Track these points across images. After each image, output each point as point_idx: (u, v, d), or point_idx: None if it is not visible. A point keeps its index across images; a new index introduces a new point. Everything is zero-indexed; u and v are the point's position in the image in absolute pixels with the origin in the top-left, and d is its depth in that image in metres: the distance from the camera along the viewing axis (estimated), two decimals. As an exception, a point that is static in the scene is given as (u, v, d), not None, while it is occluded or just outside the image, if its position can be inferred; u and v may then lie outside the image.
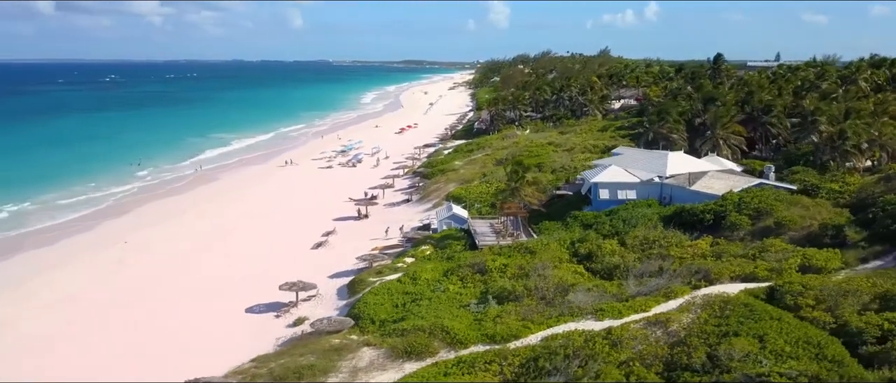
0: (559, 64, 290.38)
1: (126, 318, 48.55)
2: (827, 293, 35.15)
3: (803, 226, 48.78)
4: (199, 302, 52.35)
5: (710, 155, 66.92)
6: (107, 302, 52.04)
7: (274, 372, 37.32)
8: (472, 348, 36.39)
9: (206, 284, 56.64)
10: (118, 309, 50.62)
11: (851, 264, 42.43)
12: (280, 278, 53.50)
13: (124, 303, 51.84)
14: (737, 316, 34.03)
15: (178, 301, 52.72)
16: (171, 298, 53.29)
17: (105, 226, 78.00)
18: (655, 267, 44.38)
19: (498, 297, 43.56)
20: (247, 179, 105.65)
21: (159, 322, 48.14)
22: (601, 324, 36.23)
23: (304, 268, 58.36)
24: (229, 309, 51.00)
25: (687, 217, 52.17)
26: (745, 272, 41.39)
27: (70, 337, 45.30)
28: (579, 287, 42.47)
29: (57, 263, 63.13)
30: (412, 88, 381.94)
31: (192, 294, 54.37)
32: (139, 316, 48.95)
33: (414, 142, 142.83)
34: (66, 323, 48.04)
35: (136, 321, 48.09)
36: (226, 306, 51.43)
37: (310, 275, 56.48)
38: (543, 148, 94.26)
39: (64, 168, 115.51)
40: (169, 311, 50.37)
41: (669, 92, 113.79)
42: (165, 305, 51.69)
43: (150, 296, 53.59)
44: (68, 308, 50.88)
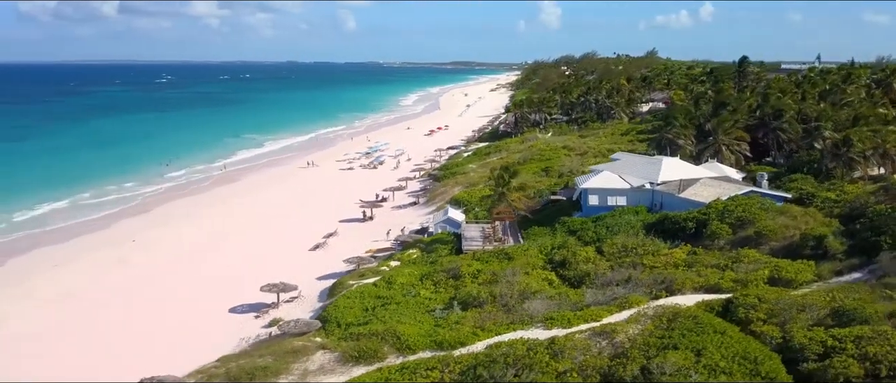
0: (601, 65, 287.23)
1: (109, 317, 50.23)
2: (780, 307, 34.33)
3: (786, 237, 47.63)
4: (187, 301, 53.77)
5: (710, 161, 65.66)
6: (97, 301, 53.90)
7: (230, 372, 38.21)
8: (419, 354, 36.64)
9: (198, 283, 58.08)
10: (105, 307, 52.37)
11: (825, 277, 41.31)
12: (270, 278, 54.62)
13: (113, 302, 53.59)
14: (682, 329, 33.45)
15: (166, 300, 54.25)
16: (161, 297, 54.86)
17: (120, 225, 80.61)
18: (625, 275, 43.90)
19: (463, 303, 43.67)
20: (266, 180, 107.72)
21: (140, 320, 49.66)
22: (548, 333, 36.05)
23: (296, 270, 59.42)
24: (214, 308, 52.24)
25: (669, 225, 51.40)
26: (710, 283, 40.65)
27: (49, 336, 47.04)
28: (542, 294, 42.31)
29: (63, 260, 65.59)
30: (454, 90, 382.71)
31: (182, 292, 55.86)
32: (123, 315, 50.59)
33: (441, 144, 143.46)
34: (54, 321, 49.89)
35: (118, 320, 49.71)
36: (211, 305, 52.69)
37: (300, 276, 57.57)
38: (556, 151, 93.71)
39: (102, 167, 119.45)
40: (154, 310, 51.89)
41: (693, 96, 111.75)
42: (152, 304, 53.25)
43: (140, 295, 55.27)
44: (59, 306, 52.85)
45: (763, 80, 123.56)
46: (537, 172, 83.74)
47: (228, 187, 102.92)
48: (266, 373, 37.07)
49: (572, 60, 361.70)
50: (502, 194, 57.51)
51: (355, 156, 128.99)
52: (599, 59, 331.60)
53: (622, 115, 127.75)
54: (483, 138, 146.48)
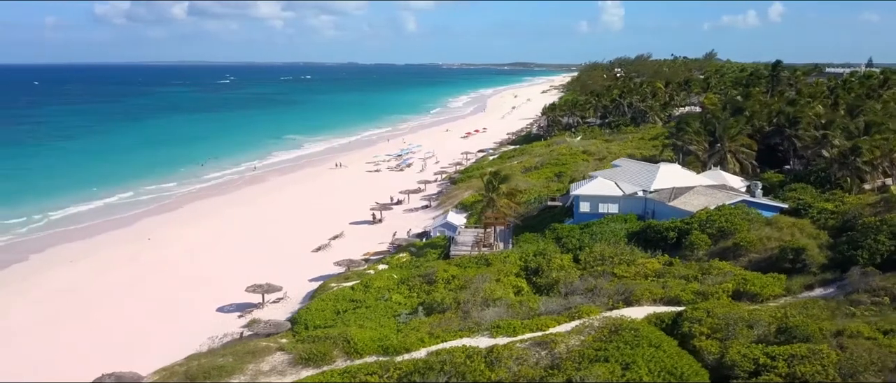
0: (653, 67, 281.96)
1: (97, 313, 52.37)
2: (726, 322, 33.59)
3: (767, 249, 46.35)
4: (179, 299, 55.59)
5: (712, 169, 64.15)
6: (93, 297, 56.22)
7: (190, 370, 39.37)
8: (366, 358, 37.07)
9: (196, 281, 59.86)
10: (98, 303, 54.60)
11: (795, 291, 40.09)
12: (267, 278, 56.04)
13: (108, 298, 55.83)
14: (618, 342, 33.04)
15: (160, 297, 56.19)
16: (155, 294, 56.86)
17: (143, 223, 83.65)
18: (591, 284, 43.45)
19: (429, 309, 43.99)
20: (292, 182, 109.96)
21: (127, 317, 51.65)
22: (492, 341, 36.06)
23: (293, 270, 60.91)
24: (203, 306, 53.86)
25: (652, 234, 50.59)
26: (670, 295, 39.91)
27: (29, 330, 49.26)
28: (502, 301, 42.25)
29: (78, 256, 68.62)
30: (506, 92, 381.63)
31: (178, 290, 57.74)
32: (112, 311, 52.70)
33: (474, 147, 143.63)
34: (43, 315, 52.22)
35: (105, 315, 51.79)
36: (202, 304, 54.33)
37: (295, 277, 59.01)
38: (574, 156, 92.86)
39: (147, 167, 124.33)
40: (144, 307, 53.85)
41: (723, 101, 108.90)
42: (145, 301, 55.27)
43: (137, 292, 57.40)
44: (55, 301, 55.34)
45: (801, 83, 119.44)
46: (549, 177, 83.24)
47: (255, 188, 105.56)
48: (220, 373, 38.09)
49: (626, 62, 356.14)
50: (491, 200, 57.38)
51: (385, 158, 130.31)
52: (653, 61, 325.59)
53: (656, 119, 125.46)
54: (516, 141, 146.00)
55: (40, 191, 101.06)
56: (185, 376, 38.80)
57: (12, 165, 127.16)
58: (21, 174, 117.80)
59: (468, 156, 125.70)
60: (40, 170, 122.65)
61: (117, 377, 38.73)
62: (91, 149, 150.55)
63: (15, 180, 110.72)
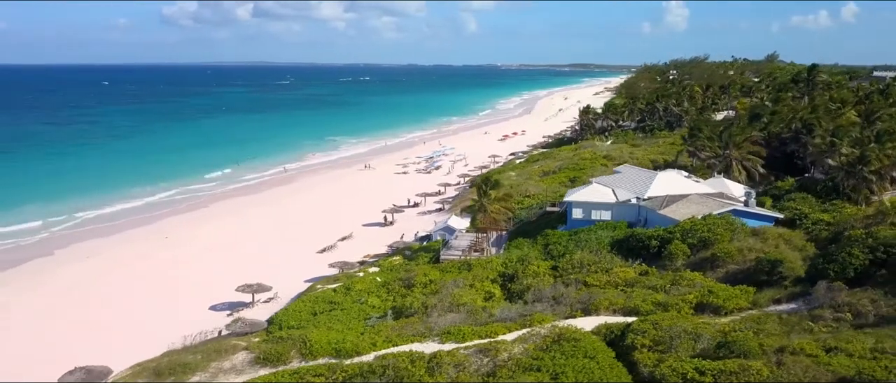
0: (708, 70, 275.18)
1: (93, 309, 54.65)
2: (669, 335, 33.16)
3: (746, 259, 45.29)
4: (177, 296, 57.66)
5: (715, 176, 62.69)
6: (97, 293, 58.70)
7: (159, 366, 40.77)
8: (318, 360, 37.78)
9: (199, 279, 61.84)
10: (98, 299, 56.94)
11: (762, 304, 39.13)
12: (266, 278, 57.60)
13: (109, 294, 58.16)
14: (556, 352, 32.97)
15: (159, 294, 58.29)
16: (156, 291, 58.98)
17: (164, 222, 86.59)
18: (559, 292, 43.26)
19: (398, 313, 44.51)
20: (317, 183, 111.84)
21: (121, 312, 53.75)
22: (440, 347, 36.26)
23: (291, 270, 62.39)
24: (197, 305, 55.66)
25: (634, 242, 49.92)
26: (630, 305, 39.40)
27: (25, 325, 51.72)
28: (466, 307, 42.46)
29: (96, 253, 71.53)
30: (558, 93, 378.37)
31: (179, 287, 59.77)
32: (107, 308, 54.84)
33: (510, 149, 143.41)
34: (40, 310, 54.71)
35: (100, 312, 53.99)
36: (197, 302, 56.15)
37: (292, 277, 60.41)
38: (594, 161, 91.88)
39: (190, 166, 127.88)
40: (141, 303, 55.96)
41: (751, 106, 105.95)
42: (143, 297, 57.41)
43: (137, 289, 59.60)
44: (57, 297, 57.95)
45: (844, 86, 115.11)
46: (563, 182, 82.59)
47: (281, 189, 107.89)
48: (184, 369, 39.37)
49: (681, 64, 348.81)
50: (482, 205, 57.49)
51: (416, 160, 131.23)
52: (709, 64, 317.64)
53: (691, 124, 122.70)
54: (551, 144, 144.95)
55: (83, 190, 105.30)
56: (152, 371, 40.22)
57: (60, 164, 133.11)
58: (68, 172, 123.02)
59: (496, 160, 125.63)
60: (87, 168, 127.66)
61: (87, 370, 40.43)
62: (139, 149, 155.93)
63: (60, 178, 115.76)
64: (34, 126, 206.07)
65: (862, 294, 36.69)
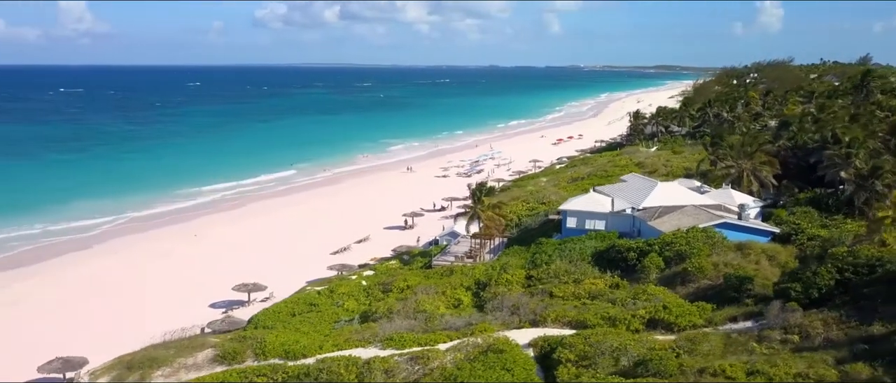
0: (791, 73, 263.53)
1: (103, 303, 57.73)
2: (596, 350, 32.91)
3: (720, 275, 43.98)
4: (183, 292, 60.33)
5: (724, 187, 60.70)
6: (110, 286, 62.16)
7: (133, 359, 42.99)
8: (269, 360, 39.11)
9: (208, 276, 64.33)
10: (109, 292, 60.33)
11: (717, 322, 38.04)
12: (272, 277, 59.80)
13: (122, 288, 61.49)
14: (480, 363, 33.29)
15: (167, 289, 61.24)
16: (166, 286, 61.93)
17: (200, 220, 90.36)
18: (520, 301, 43.18)
19: (364, 317, 45.45)
20: (355, 185, 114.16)
21: (126, 305, 56.77)
22: (380, 353, 37.04)
23: (297, 271, 64.16)
24: (201, 301, 58.22)
25: (614, 254, 49.17)
26: (579, 318, 38.99)
27: (35, 316, 55.23)
28: (424, 314, 42.96)
29: (124, 248, 75.50)
30: (635, 96, 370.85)
31: (187, 284, 62.49)
32: (114, 301, 58.07)
33: (559, 154, 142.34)
34: (45, 302, 58.26)
35: (106, 305, 57.12)
36: (200, 299, 58.75)
37: (295, 277, 62.10)
38: (624, 169, 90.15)
39: (246, 167, 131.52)
40: (147, 297, 58.93)
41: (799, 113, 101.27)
42: (151, 292, 60.46)
43: (149, 284, 62.78)
44: (72, 289, 61.69)
45: None
46: (585, 189, 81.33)
47: (318, 190, 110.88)
48: (152, 363, 41.41)
49: (763, 67, 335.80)
50: (475, 212, 57.71)
51: (459, 163, 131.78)
52: (792, 66, 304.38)
53: (744, 130, 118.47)
54: (602, 149, 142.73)
55: (140, 187, 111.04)
56: (126, 364, 42.51)
57: (127, 162, 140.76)
58: (132, 170, 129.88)
59: (538, 164, 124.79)
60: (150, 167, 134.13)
61: (65, 360, 43.08)
62: (204, 149, 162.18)
63: (123, 176, 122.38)
64: (115, 124, 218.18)
65: (815, 316, 35.22)
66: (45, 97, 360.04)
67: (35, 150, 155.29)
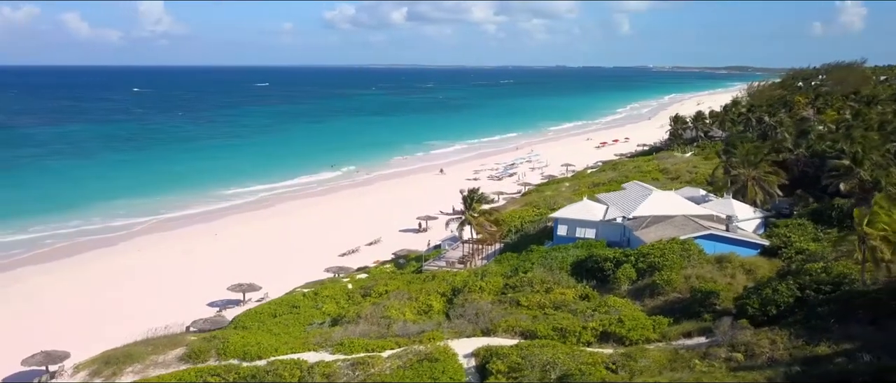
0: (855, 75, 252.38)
1: (108, 299, 60.26)
2: (527, 362, 32.85)
3: (690, 288, 43.01)
4: (189, 290, 62.38)
5: (725, 196, 58.97)
6: (122, 283, 64.69)
7: (113, 354, 44.66)
8: (230, 360, 40.29)
9: (217, 276, 66.09)
10: (119, 288, 62.83)
11: (671, 337, 37.38)
12: (273, 278, 61.46)
13: (133, 284, 64.00)
14: (412, 371, 33.63)
15: (175, 287, 63.40)
16: (174, 284, 64.18)
17: (226, 221, 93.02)
18: (482, 309, 43.23)
19: (335, 320, 46.28)
20: (384, 187, 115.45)
21: (129, 302, 59.02)
22: (328, 357, 37.70)
23: (299, 271, 65.42)
24: (199, 299, 60.18)
25: (591, 264, 48.55)
26: (530, 328, 38.78)
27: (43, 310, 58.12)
28: (385, 319, 43.48)
29: (145, 247, 78.69)
30: (694, 98, 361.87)
31: (196, 282, 64.56)
32: (121, 297, 60.50)
33: (602, 156, 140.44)
34: (57, 297, 61.07)
35: (112, 301, 59.48)
36: (201, 297, 60.70)
37: (295, 278, 63.41)
38: (645, 175, 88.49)
39: (289, 168, 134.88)
40: (153, 294, 61.16)
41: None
42: (159, 289, 62.70)
43: (159, 282, 65.03)
44: (86, 285, 64.42)
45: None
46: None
47: (349, 191, 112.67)
48: (126, 359, 43.06)
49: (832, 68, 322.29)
50: (467, 218, 57.83)
51: (494, 166, 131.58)
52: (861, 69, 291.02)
53: (786, 136, 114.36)
54: (645, 152, 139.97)
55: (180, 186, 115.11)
56: (105, 359, 44.44)
57: (174, 161, 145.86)
58: (176, 169, 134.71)
59: (570, 168, 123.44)
60: (195, 166, 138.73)
61: (47, 354, 45.32)
62: (253, 150, 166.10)
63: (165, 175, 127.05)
64: (175, 125, 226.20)
65: (765, 334, 34.33)
66: (118, 97, 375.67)
67: (94, 149, 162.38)
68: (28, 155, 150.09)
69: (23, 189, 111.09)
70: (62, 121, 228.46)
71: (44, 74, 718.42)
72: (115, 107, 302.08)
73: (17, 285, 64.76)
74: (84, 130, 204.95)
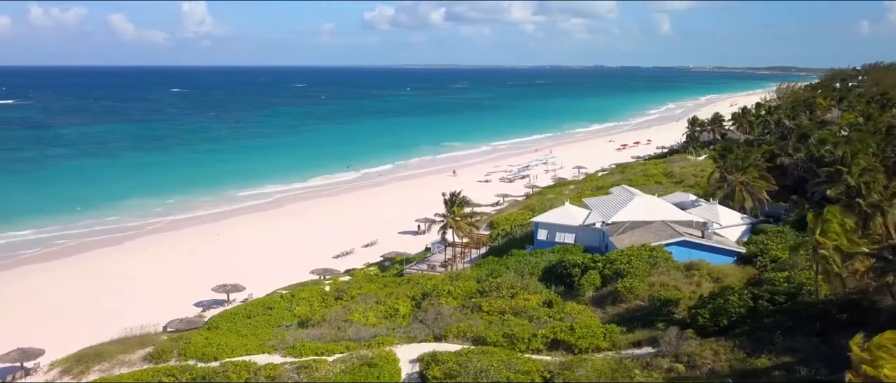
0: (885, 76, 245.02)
1: (99, 297, 61.65)
2: (462, 369, 32.84)
3: (653, 297, 42.44)
4: (181, 290, 63.42)
5: (711, 202, 57.90)
6: (119, 282, 66.00)
7: (85, 353, 45.96)
8: (190, 361, 40.94)
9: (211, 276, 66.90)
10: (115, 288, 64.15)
11: (621, 346, 36.94)
12: (261, 279, 62.34)
13: (130, 284, 65.24)
14: (349, 376, 33.87)
15: (169, 286, 64.54)
16: (168, 283, 65.43)
17: (232, 221, 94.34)
18: (441, 314, 43.24)
19: (301, 323, 46.70)
20: (393, 188, 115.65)
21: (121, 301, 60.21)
22: (278, 360, 38.10)
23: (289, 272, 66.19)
24: (187, 298, 61.24)
25: (560, 269, 48.25)
26: (480, 335, 38.65)
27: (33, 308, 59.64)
28: (347, 323, 43.74)
29: (148, 246, 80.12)
30: (729, 99, 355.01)
31: (189, 282, 65.58)
32: (110, 297, 61.76)
33: (619, 159, 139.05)
34: (58, 295, 62.67)
35: (103, 300, 60.81)
36: (188, 295, 61.76)
37: (284, 278, 64.23)
38: (649, 178, 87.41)
39: (305, 169, 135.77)
40: (145, 293, 62.35)
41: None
42: (152, 289, 63.90)
43: (154, 281, 66.25)
44: (85, 283, 65.88)
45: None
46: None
47: (357, 193, 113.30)
48: (96, 358, 43.96)
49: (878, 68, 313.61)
50: (446, 222, 57.80)
51: (507, 168, 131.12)
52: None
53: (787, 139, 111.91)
54: (665, 154, 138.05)
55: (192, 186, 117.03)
56: (78, 357, 45.52)
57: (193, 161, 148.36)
58: (194, 168, 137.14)
59: (582, 171, 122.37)
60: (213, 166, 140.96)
61: (22, 351, 46.57)
62: (277, 151, 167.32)
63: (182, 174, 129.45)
64: (205, 125, 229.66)
65: (709, 345, 33.84)
66: (155, 97, 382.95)
67: (121, 150, 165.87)
68: (56, 155, 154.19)
69: (43, 188, 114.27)
70: (97, 122, 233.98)
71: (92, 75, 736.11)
72: (152, 107, 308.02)
73: (16, 283, 66.57)
74: (116, 130, 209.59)
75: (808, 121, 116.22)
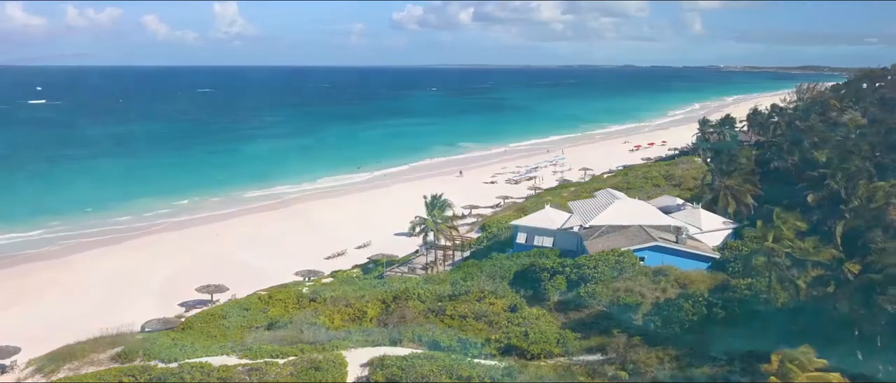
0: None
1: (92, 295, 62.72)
2: (405, 375, 32.93)
3: (616, 302, 42.06)
4: (169, 289, 64.37)
5: (693, 206, 57.13)
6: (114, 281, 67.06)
7: (60, 351, 46.83)
8: (152, 362, 41.50)
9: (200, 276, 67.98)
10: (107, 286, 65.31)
11: (574, 352, 36.73)
12: (250, 279, 63.02)
13: (115, 284, 66.35)
14: (296, 378, 34.03)
15: (157, 286, 65.58)
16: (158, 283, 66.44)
17: (234, 221, 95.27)
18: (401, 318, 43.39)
19: (270, 325, 47.03)
20: (399, 189, 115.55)
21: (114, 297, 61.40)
22: (233, 361, 38.41)
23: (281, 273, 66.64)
24: (174, 298, 62.08)
25: (530, 274, 48.02)
26: (434, 339, 38.61)
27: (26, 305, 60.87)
28: (312, 326, 43.94)
29: (151, 244, 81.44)
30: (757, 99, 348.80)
31: (179, 282, 66.44)
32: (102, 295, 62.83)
33: (631, 160, 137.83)
34: (54, 293, 63.95)
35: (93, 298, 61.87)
36: (175, 295, 62.59)
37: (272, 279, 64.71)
38: (647, 180, 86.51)
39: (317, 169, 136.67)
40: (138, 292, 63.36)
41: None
42: (140, 289, 64.86)
43: (146, 280, 67.27)
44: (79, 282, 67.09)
45: None
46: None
47: (362, 194, 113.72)
48: (68, 357, 44.76)
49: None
50: (425, 225, 57.82)
51: (515, 170, 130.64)
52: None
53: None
54: (670, 157, 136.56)
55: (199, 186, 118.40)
56: (52, 356, 46.37)
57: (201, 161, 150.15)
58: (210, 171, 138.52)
59: (588, 173, 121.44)
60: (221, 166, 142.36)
61: (1, 347, 47.62)
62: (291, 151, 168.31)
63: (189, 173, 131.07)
64: (225, 125, 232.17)
65: (656, 353, 33.55)
66: (182, 97, 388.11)
67: (140, 150, 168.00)
68: (75, 155, 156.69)
69: (57, 188, 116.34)
70: (121, 121, 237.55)
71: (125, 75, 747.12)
72: (177, 107, 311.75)
73: (8, 282, 67.96)
74: (138, 130, 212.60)
75: (820, 123, 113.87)
